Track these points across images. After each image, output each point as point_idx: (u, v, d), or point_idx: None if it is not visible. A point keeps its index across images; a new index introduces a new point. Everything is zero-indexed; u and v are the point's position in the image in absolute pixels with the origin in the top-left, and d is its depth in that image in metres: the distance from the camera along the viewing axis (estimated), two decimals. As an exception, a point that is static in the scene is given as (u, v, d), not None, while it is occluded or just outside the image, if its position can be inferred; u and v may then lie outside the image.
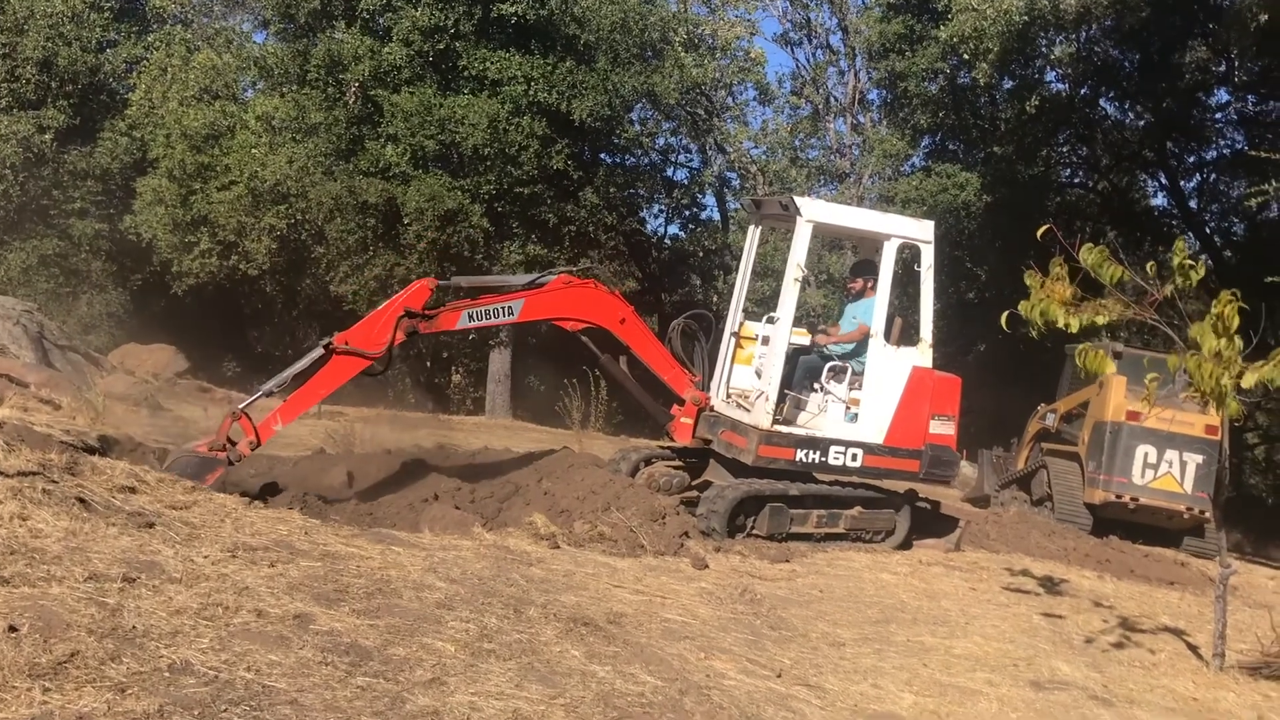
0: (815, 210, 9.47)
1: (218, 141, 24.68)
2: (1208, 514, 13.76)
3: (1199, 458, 13.81)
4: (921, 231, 9.68)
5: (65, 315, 25.25)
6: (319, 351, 8.38)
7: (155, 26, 30.44)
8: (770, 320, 9.80)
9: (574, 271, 9.64)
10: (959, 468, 10.90)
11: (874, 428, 9.50)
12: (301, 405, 8.45)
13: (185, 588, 4.70)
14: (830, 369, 9.63)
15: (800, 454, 9.31)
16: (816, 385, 9.66)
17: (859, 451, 9.43)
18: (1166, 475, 13.79)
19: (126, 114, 27.44)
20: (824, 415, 9.54)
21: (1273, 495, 29.74)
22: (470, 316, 9.02)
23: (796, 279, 9.40)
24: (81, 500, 5.70)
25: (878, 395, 9.50)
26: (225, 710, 3.52)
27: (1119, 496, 13.73)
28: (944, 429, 9.57)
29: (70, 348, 16.43)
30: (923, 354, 9.61)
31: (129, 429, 10.58)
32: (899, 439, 9.50)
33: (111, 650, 3.79)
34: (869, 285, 10.04)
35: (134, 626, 4.08)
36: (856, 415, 9.54)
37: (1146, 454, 13.79)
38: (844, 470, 9.49)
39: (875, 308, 9.53)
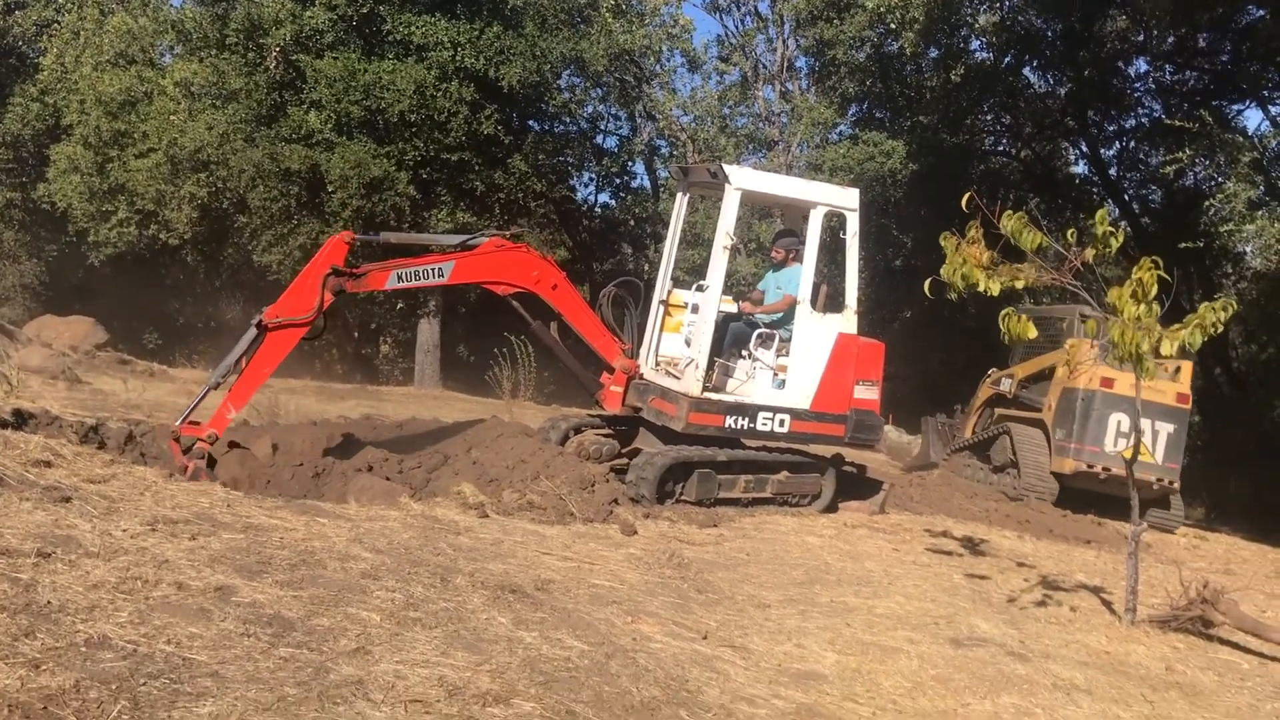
0: (743, 178, 9.52)
1: (134, 108, 24.02)
2: (1176, 484, 13.82)
3: (1170, 426, 13.64)
4: (847, 199, 9.79)
5: (-23, 287, 24.55)
6: (253, 332, 8.22)
7: (66, -12, 29.44)
8: (699, 288, 9.86)
9: (505, 235, 9.57)
10: (883, 432, 11.03)
11: (801, 393, 9.62)
12: (250, 388, 8.30)
13: (103, 562, 4.62)
14: (758, 336, 9.72)
15: (729, 420, 9.41)
16: (745, 352, 9.75)
17: (786, 417, 9.56)
18: (1140, 445, 13.64)
19: (38, 79, 26.57)
20: (752, 382, 9.63)
21: (1188, 455, 30.63)
22: (400, 277, 8.92)
23: (726, 247, 9.46)
24: (-7, 475, 5.57)
25: (804, 361, 9.63)
26: (144, 684, 3.47)
27: (1090, 466, 13.48)
28: (868, 394, 9.73)
29: (-18, 320, 15.98)
30: (848, 320, 9.74)
31: (45, 402, 10.32)
32: (825, 404, 9.65)
33: (25, 626, 3.72)
34: (790, 255, 10.18)
35: (49, 602, 4.01)
36: (784, 381, 9.66)
37: (1119, 423, 13.52)
38: (772, 436, 9.62)
39: (802, 275, 9.64)
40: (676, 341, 10.32)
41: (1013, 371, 15.40)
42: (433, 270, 9.02)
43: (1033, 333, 6.95)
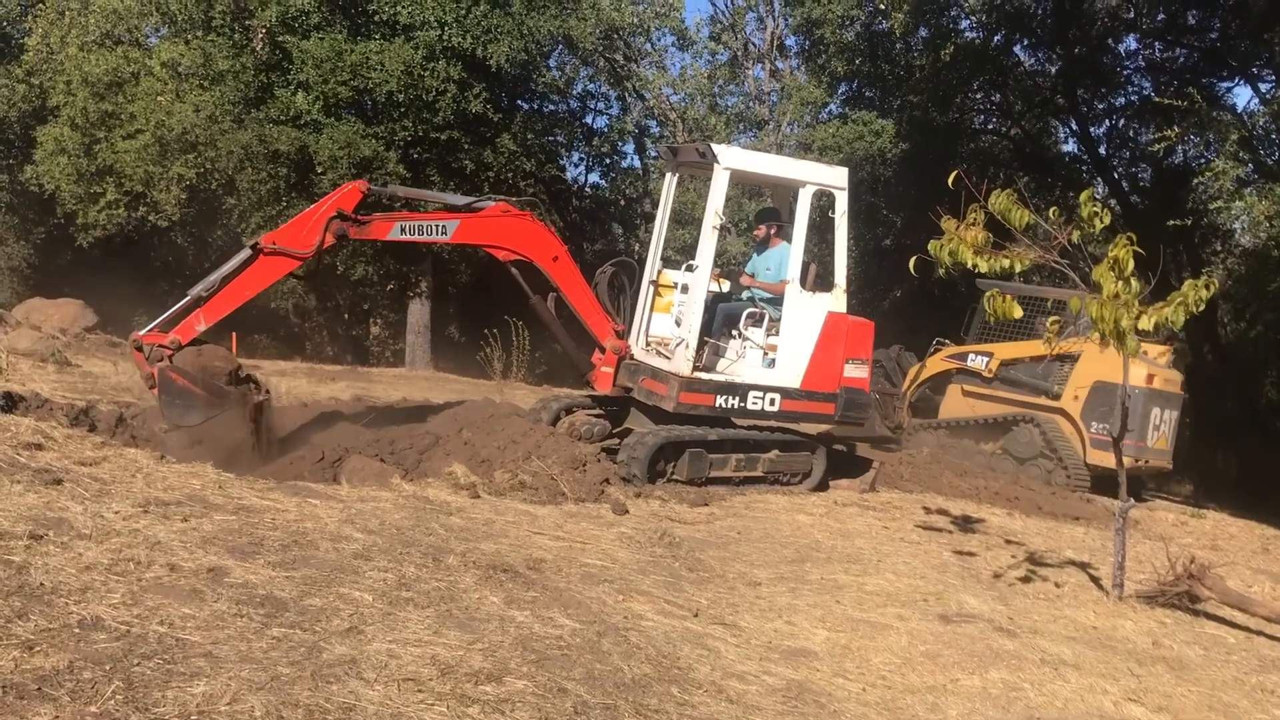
0: (732, 158, 9.51)
1: (121, 89, 23.80)
2: (1170, 465, 14.19)
3: (1176, 413, 13.94)
4: (836, 178, 9.79)
5: (-35, 271, 24.38)
6: (246, 253, 8.30)
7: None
8: (689, 268, 9.87)
9: (513, 201, 9.65)
10: (872, 410, 11.01)
11: (791, 373, 9.66)
12: (226, 305, 8.30)
13: (95, 544, 4.63)
14: (748, 315, 9.74)
15: (720, 400, 9.44)
16: (735, 332, 9.77)
17: (777, 396, 9.60)
18: (1163, 435, 13.72)
19: (23, 60, 26.29)
20: (742, 361, 9.66)
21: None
22: (403, 229, 8.99)
23: (715, 226, 9.46)
24: (-16, 458, 5.57)
25: (794, 341, 9.66)
26: (138, 664, 3.50)
27: (1137, 460, 13.30)
28: (858, 372, 9.78)
29: (-29, 303, 15.88)
30: (837, 299, 9.78)
31: (35, 385, 10.31)
32: (815, 383, 9.70)
33: (18, 608, 3.73)
34: (772, 232, 10.22)
35: (42, 584, 4.02)
36: (774, 361, 9.68)
37: (1155, 415, 13.48)
38: (762, 415, 9.66)
39: (791, 254, 9.64)
40: (667, 322, 10.34)
41: (990, 349, 14.84)
42: (436, 227, 9.10)
43: (1017, 312, 6.96)
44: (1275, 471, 21.00)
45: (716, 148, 9.47)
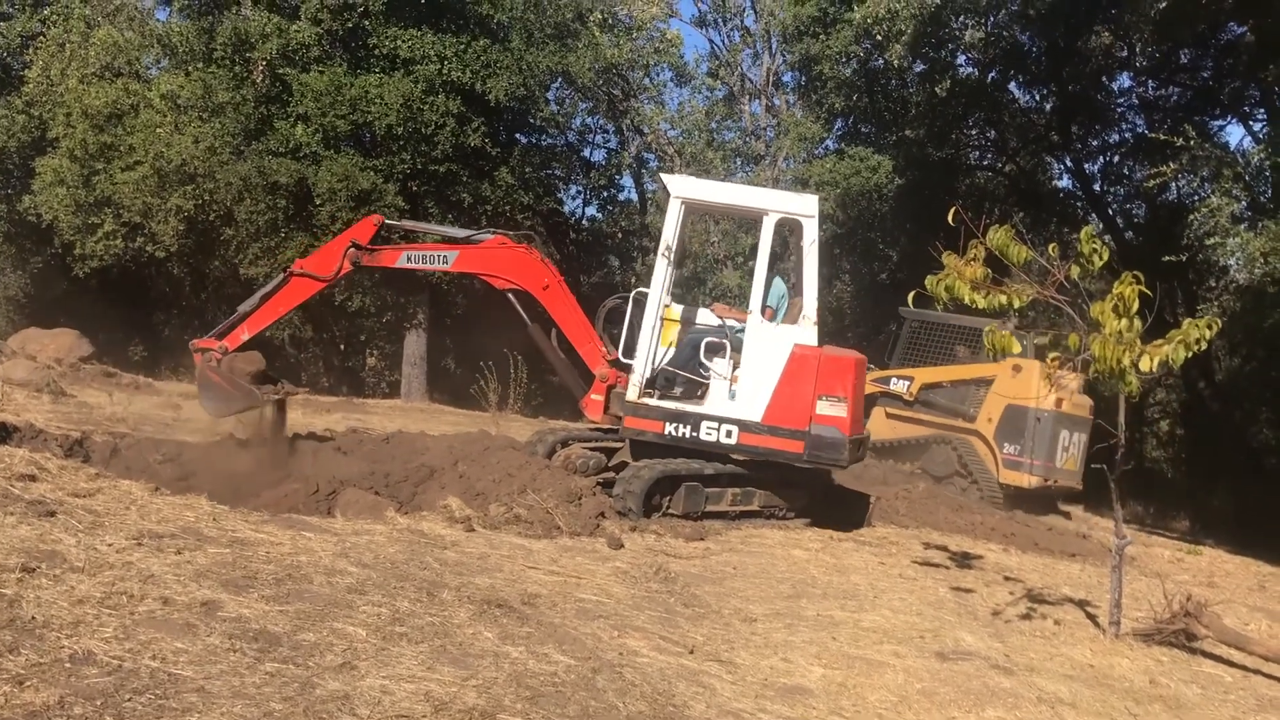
0: (683, 187, 9.55)
1: (121, 120, 23.93)
2: (1080, 487, 14.86)
3: (1084, 436, 14.58)
4: (803, 206, 9.49)
5: (-39, 300, 24.36)
6: (281, 277, 9.90)
7: (52, 0, 29.29)
8: (641, 293, 9.83)
9: (511, 235, 10.27)
10: (848, 450, 10.70)
11: (751, 405, 9.35)
12: (265, 319, 9.85)
13: (88, 577, 4.60)
14: (707, 345, 9.60)
15: (669, 428, 9.33)
16: (699, 361, 9.69)
17: (734, 428, 9.33)
18: (1072, 456, 14.37)
19: (23, 91, 26.42)
20: (703, 390, 9.54)
21: (1173, 469, 30.77)
22: (409, 258, 10.19)
23: (664, 254, 9.44)
24: (-22, 490, 5.54)
25: (754, 372, 9.37)
26: (129, 699, 3.46)
27: (1046, 480, 14.09)
28: (833, 410, 9.22)
29: (-34, 333, 15.85)
30: (805, 331, 9.35)
31: (30, 416, 10.28)
32: (779, 418, 9.29)
33: (9, 642, 3.71)
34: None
35: (33, 617, 3.99)
36: (735, 392, 9.51)
37: (1063, 438, 14.23)
38: (718, 446, 9.39)
39: (753, 283, 9.55)
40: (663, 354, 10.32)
41: (909, 373, 15.55)
42: (438, 257, 10.25)
43: (1017, 348, 7.01)
44: (1271, 508, 20.97)
45: (667, 178, 9.63)
